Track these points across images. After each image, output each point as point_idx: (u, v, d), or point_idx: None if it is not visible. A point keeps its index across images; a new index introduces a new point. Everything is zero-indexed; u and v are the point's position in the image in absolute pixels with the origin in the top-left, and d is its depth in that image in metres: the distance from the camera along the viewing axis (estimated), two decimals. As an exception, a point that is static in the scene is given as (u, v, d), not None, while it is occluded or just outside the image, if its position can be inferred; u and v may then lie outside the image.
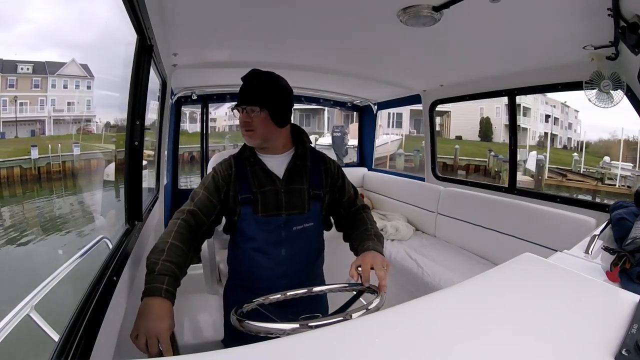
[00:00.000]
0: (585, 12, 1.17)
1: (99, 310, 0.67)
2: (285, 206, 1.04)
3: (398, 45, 1.67)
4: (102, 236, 1.20)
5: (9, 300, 0.77)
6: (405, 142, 16.65)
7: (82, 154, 14.64)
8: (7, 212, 10.55)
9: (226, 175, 1.05)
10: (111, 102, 11.81)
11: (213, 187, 1.04)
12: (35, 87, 18.48)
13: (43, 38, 2.40)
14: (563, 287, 0.66)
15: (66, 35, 23.20)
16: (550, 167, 14.47)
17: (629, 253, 0.92)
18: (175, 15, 1.29)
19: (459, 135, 18.62)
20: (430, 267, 1.99)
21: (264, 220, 1.03)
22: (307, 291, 0.90)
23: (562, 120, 17.34)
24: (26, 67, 18.58)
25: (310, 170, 1.10)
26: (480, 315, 0.54)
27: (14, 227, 8.78)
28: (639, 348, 0.44)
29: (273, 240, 1.04)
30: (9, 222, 9.27)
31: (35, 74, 18.38)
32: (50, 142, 13.37)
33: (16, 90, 17.92)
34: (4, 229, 8.19)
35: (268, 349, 0.46)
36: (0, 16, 29.75)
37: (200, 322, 1.60)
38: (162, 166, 2.11)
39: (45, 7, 2.83)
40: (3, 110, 17.40)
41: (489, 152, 15.85)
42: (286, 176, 1.06)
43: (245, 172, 1.05)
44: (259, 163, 1.07)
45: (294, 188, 1.06)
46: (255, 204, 1.03)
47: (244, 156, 1.08)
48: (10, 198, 10.40)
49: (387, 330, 0.51)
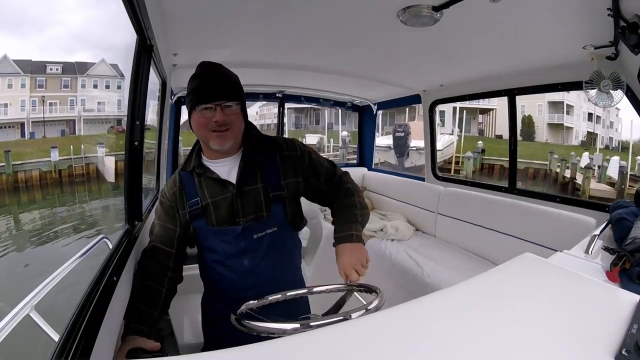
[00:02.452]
0: (585, 12, 1.17)
1: (99, 310, 0.67)
2: (241, 214, 0.95)
3: (398, 45, 1.67)
4: (102, 236, 1.20)
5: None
6: (458, 144, 15.42)
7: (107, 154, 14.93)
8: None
9: (172, 194, 0.99)
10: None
11: (164, 213, 0.99)
12: (65, 87, 18.84)
13: (76, 40, 2.39)
14: (563, 287, 0.66)
15: (98, 36, 23.44)
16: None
17: (629, 253, 0.92)
18: (175, 15, 1.29)
19: (499, 135, 17.42)
20: (430, 267, 1.99)
21: (219, 231, 0.96)
22: (307, 291, 0.90)
23: (604, 119, 16.37)
24: (55, 68, 18.99)
25: (265, 165, 0.99)
26: (480, 315, 0.54)
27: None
28: (639, 348, 0.44)
29: (233, 252, 0.96)
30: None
31: (65, 74, 18.80)
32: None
33: (45, 91, 18.23)
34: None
35: (268, 349, 0.46)
36: (32, 19, 30.23)
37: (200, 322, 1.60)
38: (162, 166, 2.11)
39: (75, 10, 2.77)
40: (32, 110, 17.84)
41: (550, 154, 14.33)
42: (239, 180, 0.95)
43: (192, 184, 0.98)
44: (206, 172, 0.97)
45: (248, 190, 0.96)
46: (207, 215, 0.96)
47: (189, 169, 0.99)
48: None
49: (387, 330, 0.51)
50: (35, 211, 12.19)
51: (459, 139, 15.47)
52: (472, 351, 0.45)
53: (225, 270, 0.98)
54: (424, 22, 1.29)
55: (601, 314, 0.56)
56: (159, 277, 0.94)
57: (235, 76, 0.97)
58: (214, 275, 1.01)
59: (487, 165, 15.52)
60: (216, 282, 1.02)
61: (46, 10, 21.59)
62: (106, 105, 19.08)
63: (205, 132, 0.92)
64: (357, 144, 3.82)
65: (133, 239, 1.07)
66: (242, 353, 0.44)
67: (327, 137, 19.02)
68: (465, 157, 14.10)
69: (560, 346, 0.47)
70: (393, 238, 2.44)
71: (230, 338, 0.68)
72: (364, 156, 3.65)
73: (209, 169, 0.97)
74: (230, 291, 0.99)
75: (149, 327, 0.84)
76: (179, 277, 1.01)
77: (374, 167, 3.63)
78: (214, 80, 0.92)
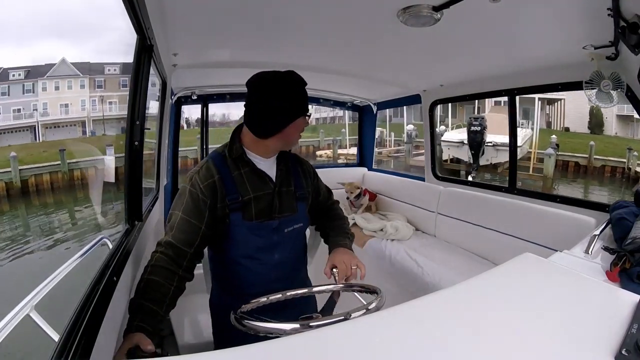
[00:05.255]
0: (585, 12, 1.17)
1: (99, 310, 0.67)
2: (277, 209, 1.02)
3: (398, 45, 1.67)
4: (102, 236, 1.20)
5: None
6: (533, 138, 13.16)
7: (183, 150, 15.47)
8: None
9: (207, 185, 0.95)
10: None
11: (193, 207, 0.94)
12: (123, 86, 19.52)
13: (129, 45, 2.47)
14: (563, 287, 0.66)
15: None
16: None
17: (628, 253, 0.92)
18: (175, 15, 1.29)
19: (566, 127, 15.47)
20: (430, 267, 1.99)
21: (257, 226, 0.98)
22: (307, 291, 0.90)
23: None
24: (113, 69, 20.06)
25: (292, 171, 1.10)
26: (480, 315, 0.54)
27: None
28: (639, 348, 0.44)
29: (265, 245, 1.00)
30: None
31: (123, 74, 19.74)
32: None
33: (105, 91, 19.32)
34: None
35: (268, 349, 0.46)
36: (87, 25, 32.61)
37: (200, 322, 1.60)
38: (162, 166, 2.11)
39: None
40: (93, 109, 18.61)
41: (628, 150, 11.91)
42: (278, 178, 1.04)
43: (231, 176, 0.98)
44: (250, 164, 1.01)
45: (285, 191, 1.05)
46: (246, 209, 0.97)
47: (232, 156, 1.00)
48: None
49: (387, 330, 0.51)
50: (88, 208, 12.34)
51: (532, 133, 13.34)
52: (472, 351, 0.46)
53: (253, 263, 1.01)
54: (424, 22, 1.29)
55: (601, 314, 0.56)
56: (169, 274, 0.91)
57: None
58: (239, 270, 1.01)
59: (560, 162, 12.82)
60: (240, 277, 1.02)
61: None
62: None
63: (298, 136, 1.04)
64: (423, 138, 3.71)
65: (133, 239, 1.07)
66: (242, 353, 0.44)
67: (387, 130, 18.02)
68: (546, 154, 11.75)
69: (560, 346, 0.47)
70: (393, 238, 2.44)
71: (245, 338, 0.66)
72: (364, 156, 3.66)
73: (251, 162, 1.02)
74: (256, 285, 1.01)
75: (153, 326, 0.83)
76: (190, 277, 0.98)
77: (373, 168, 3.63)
78: (304, 89, 1.02)
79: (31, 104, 19.29)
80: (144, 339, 0.76)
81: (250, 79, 0.99)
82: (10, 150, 14.22)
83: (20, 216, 11.94)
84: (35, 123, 18.93)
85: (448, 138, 11.82)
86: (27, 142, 17.84)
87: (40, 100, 19.22)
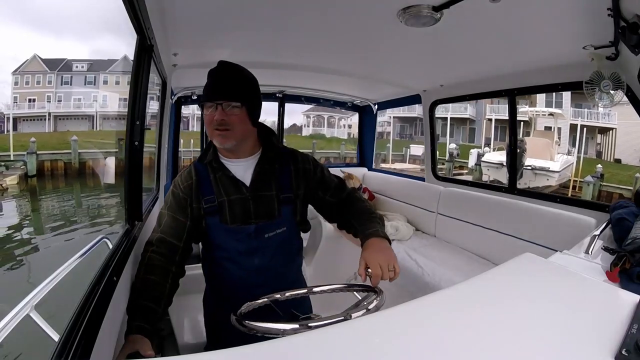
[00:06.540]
0: (585, 12, 1.17)
1: (99, 310, 0.67)
2: (253, 215, 0.98)
3: (398, 45, 1.67)
4: (102, 236, 1.20)
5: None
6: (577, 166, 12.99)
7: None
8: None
9: (186, 186, 0.98)
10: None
11: (176, 205, 0.98)
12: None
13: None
14: (563, 287, 0.66)
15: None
16: None
17: (628, 253, 0.92)
18: (175, 15, 1.29)
19: (617, 158, 14.65)
20: (430, 267, 1.99)
21: (233, 230, 0.97)
22: (307, 291, 0.90)
23: None
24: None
25: (279, 173, 1.02)
26: (480, 315, 0.54)
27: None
28: (639, 348, 0.44)
29: (244, 250, 0.98)
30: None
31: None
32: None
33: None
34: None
35: (268, 349, 0.46)
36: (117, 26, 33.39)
37: (200, 322, 1.60)
38: (162, 166, 2.11)
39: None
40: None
41: None
42: (253, 183, 0.99)
43: (208, 180, 0.99)
44: (222, 169, 0.99)
45: (262, 195, 0.99)
46: (222, 213, 0.97)
47: (206, 161, 1.00)
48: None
49: (387, 330, 0.51)
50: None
51: (577, 161, 13.33)
52: (473, 351, 0.46)
53: (234, 267, 1.00)
54: (424, 22, 1.29)
55: (601, 314, 0.56)
56: (163, 272, 0.93)
57: (248, 79, 0.98)
58: (222, 272, 1.01)
59: (604, 193, 12.58)
60: (224, 279, 1.03)
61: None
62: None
63: (211, 130, 0.95)
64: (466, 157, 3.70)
65: (133, 239, 1.07)
66: (242, 353, 0.44)
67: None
68: (585, 181, 11.83)
69: (560, 346, 0.47)
70: (393, 238, 2.44)
71: (235, 336, 0.68)
72: (364, 156, 3.66)
73: (224, 166, 0.99)
74: (239, 288, 1.00)
75: (152, 325, 0.84)
76: (182, 272, 1.00)
77: (373, 168, 3.63)
78: (219, 79, 0.94)
79: (91, 95, 20.58)
80: (145, 345, 0.77)
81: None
82: (71, 135, 15.27)
83: (75, 192, 13.38)
84: (94, 113, 20.24)
85: (488, 159, 11.85)
86: (85, 130, 19.16)
87: (100, 93, 20.48)
